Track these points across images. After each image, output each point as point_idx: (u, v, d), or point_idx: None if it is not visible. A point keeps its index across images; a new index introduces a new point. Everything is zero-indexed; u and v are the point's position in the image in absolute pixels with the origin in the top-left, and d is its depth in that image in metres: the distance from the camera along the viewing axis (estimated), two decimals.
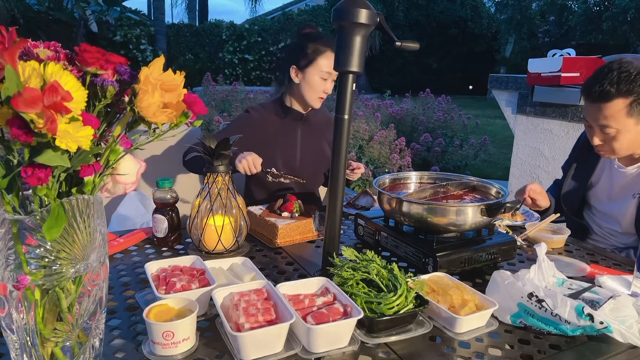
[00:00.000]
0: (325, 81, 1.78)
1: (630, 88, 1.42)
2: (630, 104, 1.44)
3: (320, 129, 1.94)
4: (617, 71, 1.45)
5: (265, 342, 0.81)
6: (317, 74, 1.75)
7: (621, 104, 1.44)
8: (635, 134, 1.48)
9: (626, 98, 1.43)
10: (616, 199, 1.65)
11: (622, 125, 1.47)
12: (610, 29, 11.20)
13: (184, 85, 0.68)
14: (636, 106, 1.44)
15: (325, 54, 1.75)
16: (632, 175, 1.61)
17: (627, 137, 1.48)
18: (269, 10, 20.02)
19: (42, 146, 0.56)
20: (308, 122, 1.90)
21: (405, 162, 4.74)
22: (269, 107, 1.89)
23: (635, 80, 1.43)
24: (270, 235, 1.39)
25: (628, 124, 1.46)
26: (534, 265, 1.05)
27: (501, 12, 15.50)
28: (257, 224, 1.45)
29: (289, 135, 1.87)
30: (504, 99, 3.47)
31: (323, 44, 1.75)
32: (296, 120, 1.88)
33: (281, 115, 1.86)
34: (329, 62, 1.74)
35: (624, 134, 1.48)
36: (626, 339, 0.87)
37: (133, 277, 1.14)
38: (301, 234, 1.41)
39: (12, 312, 0.65)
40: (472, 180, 1.42)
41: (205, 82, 6.84)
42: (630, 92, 1.43)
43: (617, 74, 1.44)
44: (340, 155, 1.02)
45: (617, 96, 1.44)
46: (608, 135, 1.50)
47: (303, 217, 1.45)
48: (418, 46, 1.07)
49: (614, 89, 1.43)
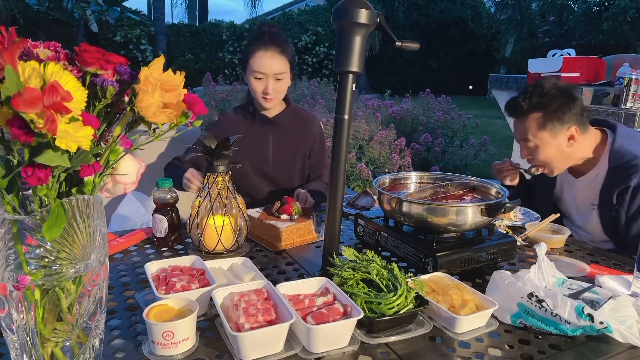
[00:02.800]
0: (260, 81, 1.71)
1: (540, 102, 1.52)
2: (542, 117, 1.53)
3: (294, 130, 1.87)
4: (533, 87, 1.55)
5: (265, 342, 0.81)
6: (251, 74, 1.71)
7: (534, 118, 1.54)
8: (555, 147, 1.56)
9: (537, 112, 1.53)
10: (581, 211, 1.69)
11: (539, 139, 1.55)
12: (610, 29, 11.19)
13: (184, 85, 0.68)
14: (548, 120, 1.52)
15: (254, 55, 1.70)
16: (584, 187, 1.65)
17: (547, 151, 1.57)
18: (269, 11, 20.02)
19: (42, 146, 0.56)
20: (278, 125, 1.84)
21: (405, 162, 4.74)
22: (239, 112, 1.85)
23: (545, 94, 1.52)
24: (272, 238, 1.37)
25: (544, 137, 1.55)
26: (534, 265, 1.05)
27: (501, 12, 15.49)
28: (256, 227, 1.43)
29: (258, 140, 1.82)
30: (504, 99, 3.46)
31: (257, 43, 1.71)
32: (265, 124, 1.82)
33: (249, 119, 1.83)
34: (258, 62, 1.69)
35: (543, 147, 1.56)
36: (626, 339, 0.87)
37: (133, 277, 1.14)
38: (301, 237, 1.40)
39: (12, 312, 0.65)
40: (472, 180, 1.42)
41: (205, 82, 6.83)
42: (541, 106, 1.52)
43: (532, 90, 1.54)
44: (340, 155, 1.02)
45: (529, 111, 1.54)
46: (531, 149, 1.59)
47: (302, 219, 1.43)
48: (418, 46, 1.07)
49: (526, 104, 1.54)
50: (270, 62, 1.69)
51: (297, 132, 1.88)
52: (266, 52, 1.69)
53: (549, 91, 1.52)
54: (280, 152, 1.85)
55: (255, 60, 1.70)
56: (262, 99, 1.75)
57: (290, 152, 1.87)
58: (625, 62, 2.84)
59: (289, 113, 1.87)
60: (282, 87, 1.76)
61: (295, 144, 1.87)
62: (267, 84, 1.71)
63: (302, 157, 1.89)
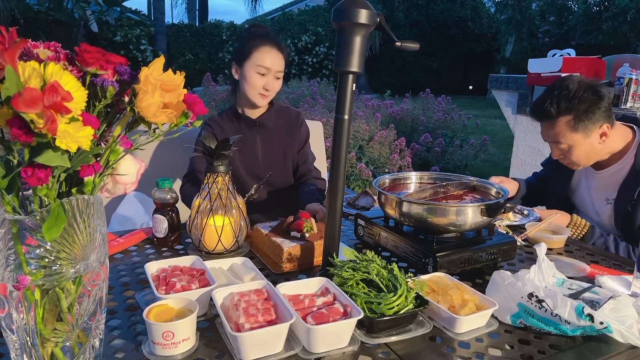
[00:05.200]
0: (263, 76, 1.71)
1: (569, 106, 1.50)
2: (573, 120, 1.51)
3: (280, 129, 1.86)
4: (558, 90, 1.52)
5: (265, 342, 0.81)
6: (253, 68, 1.70)
7: (564, 121, 1.52)
8: (587, 146, 1.55)
9: (568, 115, 1.51)
10: (595, 205, 1.69)
11: (572, 141, 1.54)
12: (610, 29, 11.19)
13: (184, 85, 0.68)
14: (579, 122, 1.50)
15: (260, 48, 1.70)
16: (604, 179, 1.65)
17: (580, 150, 1.56)
18: (269, 11, 20.00)
19: (42, 146, 0.56)
20: (264, 126, 1.82)
21: (405, 162, 4.74)
22: (224, 116, 1.84)
23: (574, 97, 1.49)
24: (276, 257, 1.23)
25: (577, 139, 1.53)
26: (534, 266, 1.05)
27: (501, 12, 15.50)
28: (261, 242, 1.31)
29: (247, 142, 1.81)
30: (504, 99, 3.47)
31: (262, 39, 1.71)
32: (251, 127, 1.81)
33: (235, 122, 1.82)
34: (264, 56, 1.69)
35: (577, 148, 1.55)
36: (626, 339, 0.87)
37: (133, 277, 1.14)
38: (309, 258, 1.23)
39: (12, 312, 0.65)
40: (472, 180, 1.42)
41: (205, 82, 6.84)
42: (571, 109, 1.50)
43: (558, 93, 1.52)
44: (340, 155, 1.02)
45: (559, 115, 1.52)
46: (563, 149, 1.58)
47: (314, 237, 1.25)
48: (418, 46, 1.07)
49: (555, 109, 1.52)
50: (275, 59, 1.71)
51: (283, 132, 1.87)
52: (272, 48, 1.71)
53: (576, 93, 1.49)
54: (270, 153, 1.84)
55: (261, 55, 1.70)
56: (258, 96, 1.73)
57: (280, 153, 1.85)
58: (625, 62, 2.84)
59: (273, 113, 1.86)
60: (278, 85, 1.77)
61: (282, 145, 1.86)
62: (268, 80, 1.72)
63: (292, 155, 1.88)
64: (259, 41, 1.71)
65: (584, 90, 1.50)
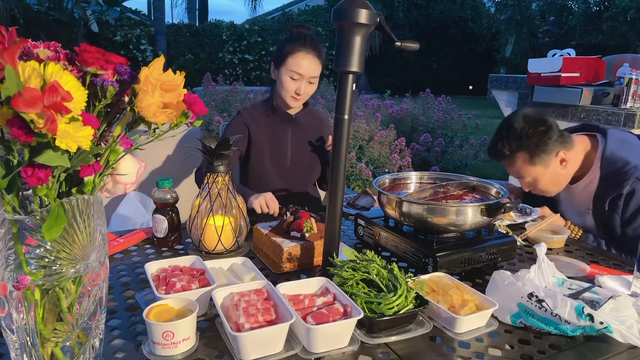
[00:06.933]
0: (295, 81, 1.75)
1: (519, 144, 1.52)
2: (528, 155, 1.52)
3: (312, 129, 1.92)
4: (506, 130, 1.54)
5: (265, 342, 0.81)
6: (286, 73, 1.74)
7: (521, 159, 1.54)
8: (550, 174, 1.56)
9: (522, 152, 1.53)
10: (579, 215, 1.70)
11: (534, 174, 1.56)
12: (610, 29, 11.19)
13: (184, 85, 0.68)
14: (535, 156, 1.52)
15: (295, 55, 1.72)
16: (580, 192, 1.65)
17: (545, 180, 1.58)
18: (269, 11, 20.01)
19: (42, 146, 0.56)
20: (298, 123, 1.89)
21: (405, 162, 4.74)
22: (259, 107, 1.89)
23: (521, 135, 1.51)
24: (276, 257, 1.23)
25: (538, 171, 1.55)
26: (534, 265, 1.05)
27: (501, 12, 15.50)
28: (262, 242, 1.31)
29: (278, 135, 1.86)
30: (504, 99, 3.47)
31: (298, 44, 1.73)
32: (285, 121, 1.87)
33: (270, 114, 1.86)
34: (297, 63, 1.72)
35: (541, 179, 1.57)
36: (626, 339, 0.87)
37: (133, 277, 1.14)
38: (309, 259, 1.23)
39: (12, 312, 0.65)
40: (472, 180, 1.42)
41: (205, 82, 6.83)
42: (522, 147, 1.52)
43: (506, 133, 1.54)
44: (341, 155, 1.02)
45: (512, 154, 1.54)
46: (529, 182, 1.60)
47: (314, 237, 1.25)
48: (418, 46, 1.07)
49: (507, 149, 1.54)
50: (310, 65, 1.74)
51: (315, 131, 1.93)
52: (307, 54, 1.73)
53: (522, 130, 1.50)
54: (299, 150, 1.89)
55: (296, 60, 1.73)
56: (291, 99, 1.79)
57: (308, 151, 1.91)
58: (625, 62, 2.84)
59: (307, 113, 1.92)
60: (312, 90, 1.81)
61: (313, 143, 1.92)
62: (301, 85, 1.75)
63: (320, 156, 1.93)
64: (295, 46, 1.73)
65: (529, 125, 1.51)
